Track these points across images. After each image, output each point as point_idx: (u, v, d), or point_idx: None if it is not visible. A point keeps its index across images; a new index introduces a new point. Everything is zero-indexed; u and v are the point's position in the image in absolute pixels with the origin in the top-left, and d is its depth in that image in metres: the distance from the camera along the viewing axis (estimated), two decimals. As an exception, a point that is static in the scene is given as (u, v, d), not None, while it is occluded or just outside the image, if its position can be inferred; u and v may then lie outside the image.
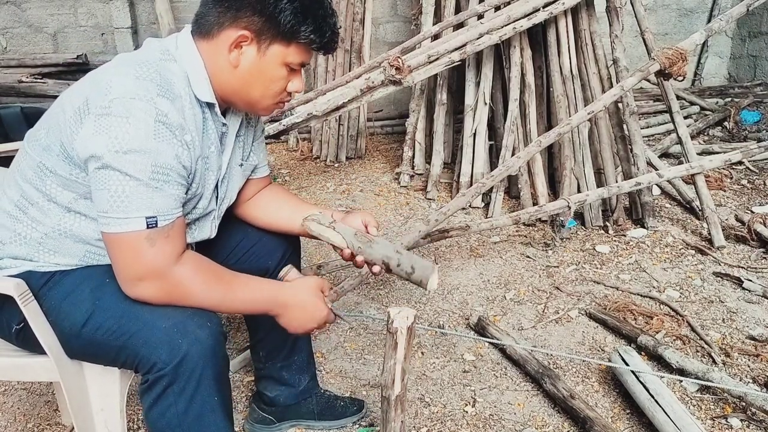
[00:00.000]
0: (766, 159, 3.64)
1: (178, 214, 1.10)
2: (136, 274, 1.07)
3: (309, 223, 1.35)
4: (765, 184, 3.35)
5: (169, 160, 1.06)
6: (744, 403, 1.65)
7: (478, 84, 3.35)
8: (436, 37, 3.26)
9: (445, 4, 3.52)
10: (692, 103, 4.55)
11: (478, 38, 2.88)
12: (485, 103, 3.29)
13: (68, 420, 1.67)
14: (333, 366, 1.93)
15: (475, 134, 3.31)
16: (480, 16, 3.20)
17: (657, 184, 3.08)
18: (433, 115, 3.63)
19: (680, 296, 2.29)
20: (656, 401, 1.55)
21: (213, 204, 1.28)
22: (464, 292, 2.37)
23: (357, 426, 1.66)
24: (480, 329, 2.06)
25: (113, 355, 1.12)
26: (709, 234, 2.67)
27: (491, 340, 1.98)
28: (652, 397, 1.57)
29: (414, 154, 3.65)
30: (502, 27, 2.93)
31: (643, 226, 2.84)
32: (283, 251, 1.49)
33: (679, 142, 2.85)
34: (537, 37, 3.28)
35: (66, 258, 1.18)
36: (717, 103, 4.61)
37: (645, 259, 2.58)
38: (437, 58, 2.82)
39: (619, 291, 2.33)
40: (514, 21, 2.94)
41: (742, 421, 1.62)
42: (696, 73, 5.14)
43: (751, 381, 1.79)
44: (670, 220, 2.93)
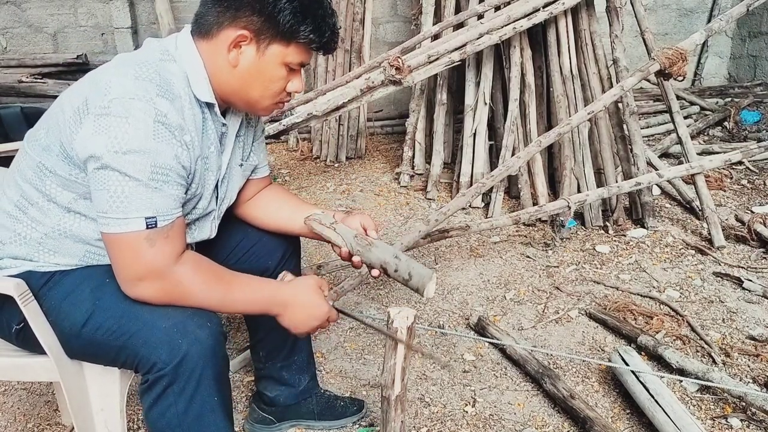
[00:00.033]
0: (766, 159, 3.64)
1: (177, 215, 1.10)
2: (136, 274, 1.07)
3: (311, 222, 1.37)
4: (765, 184, 3.35)
5: (169, 160, 1.06)
6: (744, 403, 1.65)
7: (478, 84, 3.35)
8: (436, 37, 3.26)
9: (445, 4, 3.52)
10: (692, 103, 4.55)
11: (478, 38, 2.88)
12: (485, 103, 3.29)
13: (68, 420, 1.67)
14: (333, 366, 1.93)
15: (475, 134, 3.31)
16: (480, 16, 3.20)
17: (657, 184, 3.08)
18: (433, 115, 3.63)
19: (680, 296, 2.29)
20: (656, 401, 1.55)
21: (213, 204, 1.28)
22: (464, 292, 2.37)
23: (357, 426, 1.66)
24: (480, 329, 2.06)
25: (113, 355, 1.12)
26: (709, 234, 2.67)
27: (491, 340, 1.98)
28: (652, 397, 1.57)
29: (414, 154, 3.65)
30: (502, 27, 2.93)
31: (643, 226, 2.84)
32: (283, 251, 1.49)
33: (679, 142, 2.85)
34: (537, 37, 3.28)
35: (66, 258, 1.18)
36: (717, 103, 4.61)
37: (645, 259, 2.58)
38: (437, 58, 2.82)
39: (619, 291, 2.33)
40: (514, 21, 2.94)
41: (742, 421, 1.62)
42: (696, 73, 5.14)
43: (751, 381, 1.79)
44: (670, 220, 2.93)
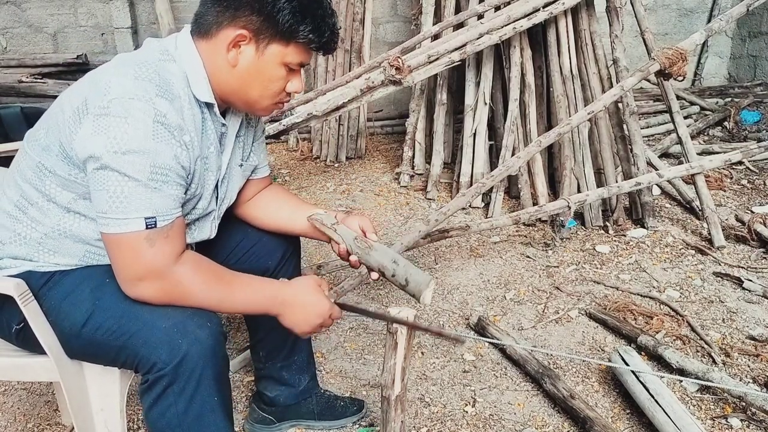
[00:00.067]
0: (766, 159, 3.64)
1: (177, 215, 1.10)
2: (136, 275, 1.07)
3: (313, 221, 1.39)
4: (765, 184, 3.35)
5: (168, 160, 1.06)
6: (744, 403, 1.65)
7: (478, 84, 3.35)
8: (436, 37, 3.26)
9: (445, 4, 3.52)
10: (692, 103, 4.55)
11: (478, 38, 2.88)
12: (485, 103, 3.29)
13: (68, 420, 1.67)
14: (333, 366, 1.93)
15: (475, 134, 3.31)
16: (480, 16, 3.20)
17: (657, 184, 3.08)
18: (433, 115, 3.63)
19: (680, 296, 2.29)
20: (656, 401, 1.55)
21: (213, 204, 1.28)
22: (464, 292, 2.37)
23: (357, 426, 1.66)
24: (480, 329, 2.06)
25: (113, 355, 1.12)
26: (709, 234, 2.67)
27: (491, 340, 1.98)
28: (652, 397, 1.57)
29: (414, 154, 3.65)
30: (502, 27, 2.93)
31: (643, 226, 2.84)
32: (283, 251, 1.49)
33: (679, 142, 2.85)
34: (537, 37, 3.28)
35: (66, 258, 1.18)
36: (717, 103, 4.61)
37: (645, 259, 2.58)
38: (437, 58, 2.82)
39: (619, 291, 2.33)
40: (514, 21, 2.94)
41: (742, 421, 1.62)
42: (696, 73, 5.14)
43: (751, 381, 1.79)
44: (670, 220, 2.93)
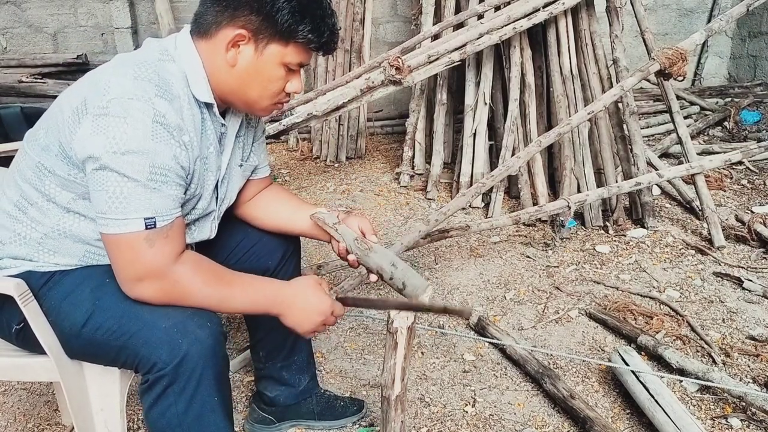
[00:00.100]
0: (766, 159, 3.64)
1: (176, 215, 1.10)
2: (136, 275, 1.07)
3: (315, 219, 1.40)
4: (765, 184, 3.35)
5: (167, 160, 1.06)
6: (744, 403, 1.65)
7: (478, 84, 3.35)
8: (436, 37, 3.26)
9: (445, 4, 3.52)
10: (692, 103, 4.55)
11: (478, 38, 2.88)
12: (485, 103, 3.29)
13: (68, 420, 1.67)
14: (333, 366, 1.93)
15: (475, 134, 3.31)
16: (480, 16, 3.20)
17: (657, 184, 3.08)
18: (433, 115, 3.63)
19: (680, 296, 2.29)
20: (656, 401, 1.55)
21: (213, 204, 1.28)
22: (464, 292, 2.37)
23: (357, 426, 1.66)
24: (480, 329, 2.06)
25: (113, 355, 1.12)
26: (709, 234, 2.67)
27: (491, 340, 1.98)
28: (652, 397, 1.57)
29: (414, 154, 3.65)
30: (502, 27, 2.92)
31: (643, 226, 2.84)
32: (283, 251, 1.49)
33: (679, 142, 2.85)
34: (537, 37, 3.28)
35: (66, 258, 1.18)
36: (717, 103, 4.61)
37: (645, 259, 2.58)
38: (437, 58, 2.82)
39: (619, 291, 2.33)
40: (514, 21, 2.94)
41: (742, 421, 1.62)
42: (696, 73, 5.14)
43: (751, 381, 1.79)
44: (670, 220, 2.93)
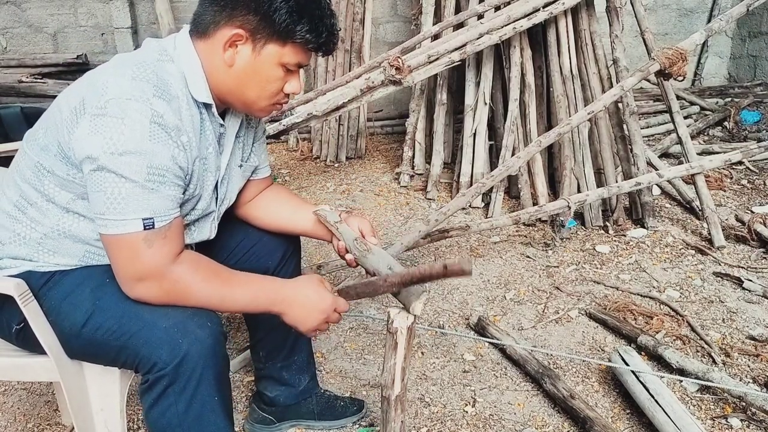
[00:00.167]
0: (766, 159, 3.64)
1: (175, 215, 1.10)
2: (135, 275, 1.07)
3: (317, 215, 1.41)
4: (765, 184, 3.35)
5: (165, 161, 1.05)
6: (744, 403, 1.65)
7: (478, 84, 3.35)
8: (436, 37, 3.26)
9: (445, 4, 3.52)
10: (692, 103, 4.55)
11: (478, 38, 2.88)
12: (485, 103, 3.29)
13: (68, 420, 1.67)
14: (333, 366, 1.93)
15: (475, 134, 3.31)
16: (480, 16, 3.20)
17: (657, 184, 3.08)
18: (433, 115, 3.63)
19: (680, 296, 2.29)
20: (656, 401, 1.55)
21: (213, 205, 1.28)
22: (464, 292, 2.37)
23: (357, 426, 1.66)
24: (480, 329, 2.06)
25: (113, 355, 1.12)
26: (709, 234, 2.67)
27: (491, 340, 1.98)
28: (652, 397, 1.57)
29: (414, 154, 3.65)
30: (502, 27, 2.93)
31: (643, 226, 2.84)
32: (283, 251, 1.49)
33: (679, 142, 2.85)
34: (537, 37, 3.28)
35: (65, 258, 1.18)
36: (717, 103, 4.61)
37: (645, 259, 2.58)
38: (437, 58, 2.82)
39: (619, 291, 2.33)
40: (514, 21, 2.94)
41: (742, 421, 1.62)
42: (696, 73, 5.14)
43: (751, 381, 1.79)
44: (670, 220, 2.93)
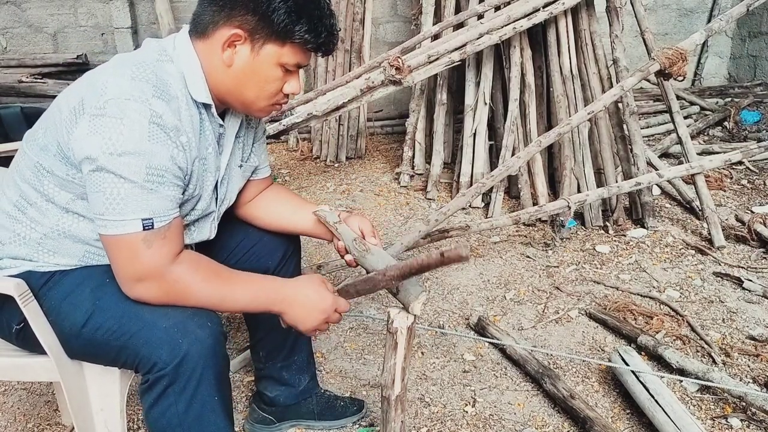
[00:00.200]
0: (766, 159, 3.64)
1: (174, 215, 1.10)
2: (135, 275, 1.07)
3: (317, 216, 1.41)
4: (765, 184, 3.35)
5: (164, 161, 1.05)
6: (744, 403, 1.65)
7: (478, 84, 3.35)
8: (436, 37, 3.26)
9: (445, 4, 3.52)
10: (692, 103, 4.55)
11: (478, 38, 2.88)
12: (485, 103, 3.29)
13: (68, 420, 1.67)
14: (333, 366, 1.93)
15: (475, 134, 3.31)
16: (480, 16, 3.20)
17: (657, 184, 3.08)
18: (433, 115, 3.63)
19: (680, 296, 2.29)
20: (656, 401, 1.55)
21: (212, 205, 1.28)
22: (464, 292, 2.37)
23: (357, 426, 1.66)
24: (480, 329, 2.06)
25: (113, 355, 1.12)
26: (709, 234, 2.67)
27: (491, 340, 1.98)
28: (652, 397, 1.57)
29: (414, 154, 3.65)
30: (502, 27, 2.93)
31: (643, 226, 2.84)
32: (283, 251, 1.49)
33: (679, 142, 2.85)
34: (537, 37, 3.28)
35: (65, 258, 1.18)
36: (717, 103, 4.61)
37: (645, 259, 2.58)
38: (437, 58, 2.82)
39: (619, 291, 2.33)
40: (514, 21, 2.95)
41: (742, 421, 1.62)
42: (696, 73, 5.14)
43: (751, 381, 1.79)
44: (670, 220, 2.93)
